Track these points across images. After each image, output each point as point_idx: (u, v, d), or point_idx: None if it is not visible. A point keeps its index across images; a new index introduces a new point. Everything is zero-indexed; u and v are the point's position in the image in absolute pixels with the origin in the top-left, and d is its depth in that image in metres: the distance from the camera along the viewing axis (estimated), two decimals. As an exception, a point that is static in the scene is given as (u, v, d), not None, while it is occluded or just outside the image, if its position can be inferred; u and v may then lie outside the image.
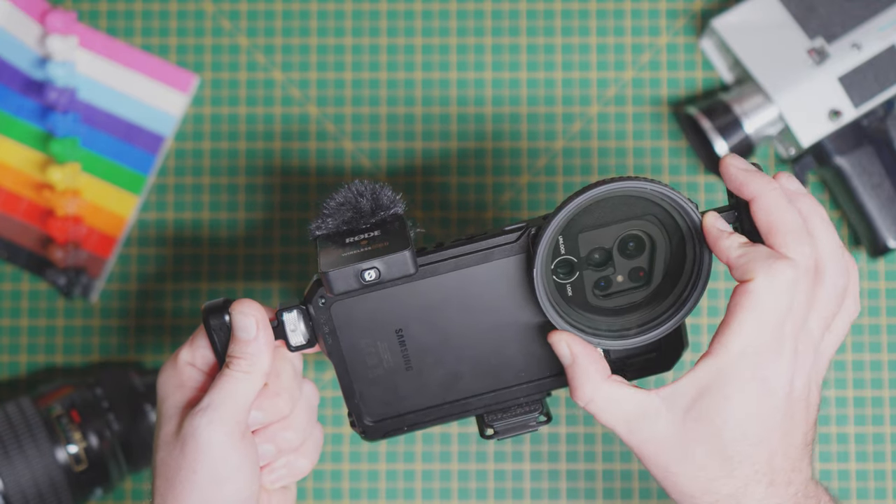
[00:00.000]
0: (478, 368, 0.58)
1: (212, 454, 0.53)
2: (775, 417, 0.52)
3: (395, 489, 0.79)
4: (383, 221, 0.56)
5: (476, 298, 0.56)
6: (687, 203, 0.53)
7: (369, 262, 0.52)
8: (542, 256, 0.53)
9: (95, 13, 0.81)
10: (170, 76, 0.80)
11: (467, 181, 0.80)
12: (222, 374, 0.55)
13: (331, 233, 0.56)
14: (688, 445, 0.52)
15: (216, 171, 0.81)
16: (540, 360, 0.58)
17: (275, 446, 0.57)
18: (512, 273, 0.56)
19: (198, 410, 0.54)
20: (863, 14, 0.75)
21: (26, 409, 0.72)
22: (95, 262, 0.80)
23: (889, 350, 0.79)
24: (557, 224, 0.53)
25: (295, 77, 0.81)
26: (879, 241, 0.76)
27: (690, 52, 0.81)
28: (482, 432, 0.59)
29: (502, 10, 0.81)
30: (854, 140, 0.76)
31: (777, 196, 0.52)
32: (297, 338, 0.57)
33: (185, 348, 0.57)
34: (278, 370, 0.57)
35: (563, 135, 0.81)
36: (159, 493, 0.54)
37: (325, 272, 0.52)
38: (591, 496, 0.79)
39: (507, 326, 0.57)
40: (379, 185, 0.56)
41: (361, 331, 0.57)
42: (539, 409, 0.59)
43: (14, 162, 0.80)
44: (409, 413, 0.59)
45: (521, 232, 0.55)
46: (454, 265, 0.56)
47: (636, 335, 0.55)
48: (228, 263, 0.80)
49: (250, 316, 0.55)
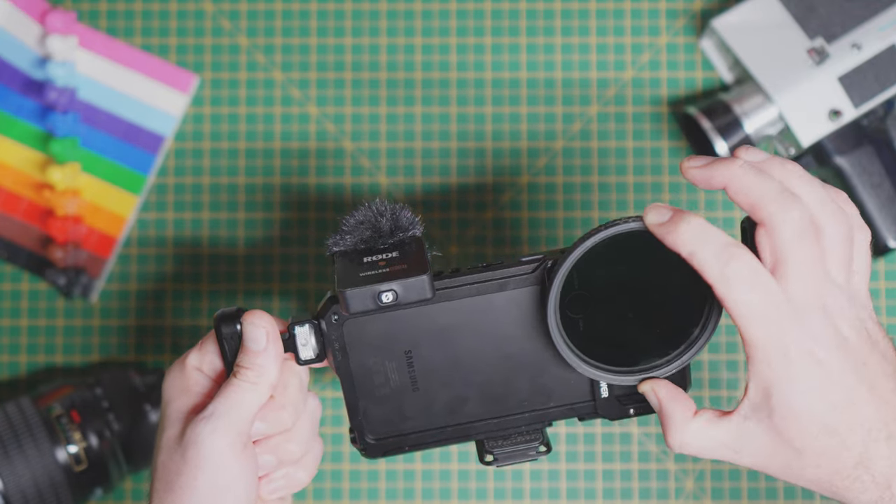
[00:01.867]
0: (483, 394, 0.58)
1: (213, 462, 0.53)
2: (847, 374, 0.51)
3: (395, 489, 0.79)
4: (401, 242, 0.56)
5: (488, 325, 0.57)
6: None
7: (387, 284, 0.52)
8: (557, 290, 0.54)
9: (95, 13, 0.81)
10: (170, 76, 0.80)
11: (467, 181, 0.80)
12: (229, 384, 0.55)
13: (348, 250, 0.56)
14: (791, 442, 0.51)
15: (216, 171, 0.81)
16: (545, 391, 0.58)
17: (275, 457, 0.57)
18: (525, 303, 0.56)
19: (202, 418, 0.54)
20: (863, 14, 0.75)
21: (26, 409, 0.72)
22: (95, 262, 0.80)
23: (889, 350, 0.79)
24: (573, 260, 0.53)
25: (295, 77, 0.81)
26: (879, 241, 0.76)
27: (690, 52, 0.81)
28: (482, 458, 0.59)
29: (502, 10, 0.81)
30: (854, 140, 0.76)
31: (744, 172, 0.51)
32: (307, 352, 0.57)
33: (194, 353, 0.57)
34: (285, 383, 0.57)
35: (563, 135, 0.81)
36: (158, 495, 0.54)
37: (342, 291, 0.52)
38: (591, 496, 0.79)
39: (516, 355, 0.58)
40: (399, 206, 0.56)
41: (371, 349, 0.57)
42: (539, 439, 0.59)
43: (14, 162, 0.80)
44: (412, 433, 0.59)
45: (537, 264, 0.56)
46: (469, 291, 0.56)
47: (643, 372, 0.55)
48: (228, 263, 0.80)
49: (261, 328, 0.55)
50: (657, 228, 0.51)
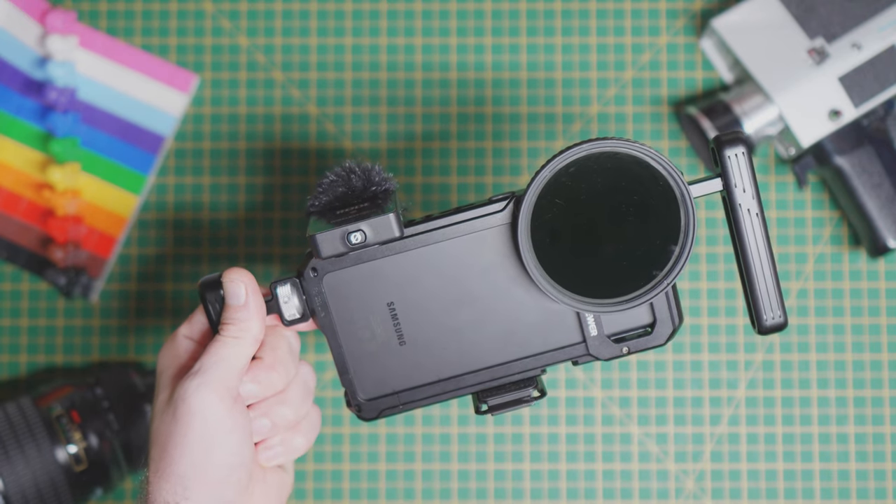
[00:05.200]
0: (472, 344, 0.58)
1: (202, 417, 0.54)
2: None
3: (395, 489, 0.79)
4: (374, 196, 0.57)
5: (466, 270, 0.57)
6: (665, 163, 0.52)
7: (355, 224, 0.54)
8: (526, 222, 0.53)
9: (95, 13, 0.81)
10: (170, 76, 0.80)
11: (467, 181, 0.80)
12: (214, 341, 0.56)
13: (324, 209, 0.58)
14: None
15: (216, 171, 0.81)
16: (533, 335, 0.58)
17: (270, 421, 0.57)
18: (500, 243, 0.56)
19: (188, 375, 0.55)
20: (863, 14, 0.75)
21: (26, 409, 0.73)
22: (95, 262, 0.80)
23: (889, 350, 0.79)
24: (537, 187, 0.53)
25: (295, 77, 0.81)
26: (879, 241, 0.76)
27: (690, 52, 0.81)
28: (477, 409, 0.59)
29: (502, 10, 0.81)
30: (854, 140, 0.76)
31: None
32: (290, 310, 0.57)
33: (185, 324, 0.59)
34: (273, 344, 0.58)
35: (563, 135, 0.81)
36: (153, 460, 0.55)
37: (312, 235, 0.54)
38: (591, 496, 0.79)
39: (499, 298, 0.57)
40: (370, 164, 0.58)
41: (353, 303, 0.57)
42: (533, 384, 0.58)
43: (14, 162, 0.80)
44: (404, 391, 0.59)
45: (507, 201, 0.56)
46: (441, 235, 0.56)
47: (626, 301, 0.54)
48: (228, 263, 0.80)
49: (240, 283, 0.56)
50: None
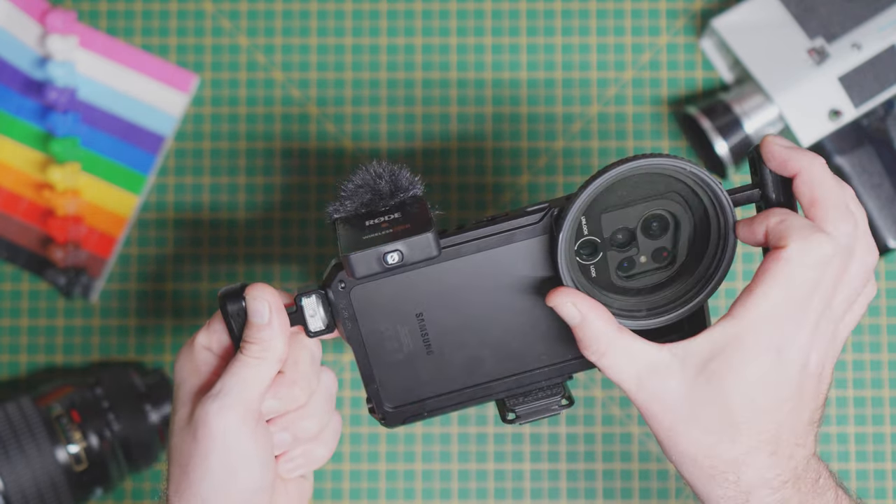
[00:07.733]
0: (500, 352, 0.57)
1: (224, 441, 0.52)
2: (787, 389, 0.51)
3: (395, 489, 0.79)
4: (403, 203, 0.55)
5: (498, 280, 0.55)
6: (711, 179, 0.52)
7: (392, 244, 0.51)
8: (566, 237, 0.53)
9: (95, 13, 0.81)
10: (170, 76, 0.80)
11: (467, 181, 0.80)
12: (235, 360, 0.54)
13: (349, 216, 0.55)
14: (695, 406, 0.51)
15: (216, 171, 0.81)
16: (562, 343, 0.57)
17: (291, 435, 0.56)
18: (535, 255, 0.55)
19: (209, 396, 0.53)
20: (863, 14, 0.75)
21: (26, 408, 0.72)
22: (95, 262, 0.80)
23: (889, 350, 0.79)
24: (581, 204, 0.52)
25: (295, 77, 0.81)
26: (879, 241, 0.76)
27: (690, 52, 0.81)
28: (503, 417, 0.58)
29: (502, 10, 0.81)
30: (854, 140, 0.76)
31: (823, 170, 0.52)
32: (316, 323, 0.55)
33: (203, 332, 0.56)
34: (296, 358, 0.56)
35: (563, 135, 0.81)
36: (174, 479, 0.54)
37: (346, 255, 0.51)
38: (591, 496, 0.79)
39: (529, 309, 0.56)
40: (398, 167, 0.55)
41: (381, 315, 0.56)
42: (561, 393, 0.58)
43: (14, 162, 0.80)
44: (430, 398, 0.58)
45: (543, 213, 0.54)
46: (476, 247, 0.55)
47: (659, 315, 0.54)
48: (229, 263, 0.80)
49: (264, 301, 0.54)
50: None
